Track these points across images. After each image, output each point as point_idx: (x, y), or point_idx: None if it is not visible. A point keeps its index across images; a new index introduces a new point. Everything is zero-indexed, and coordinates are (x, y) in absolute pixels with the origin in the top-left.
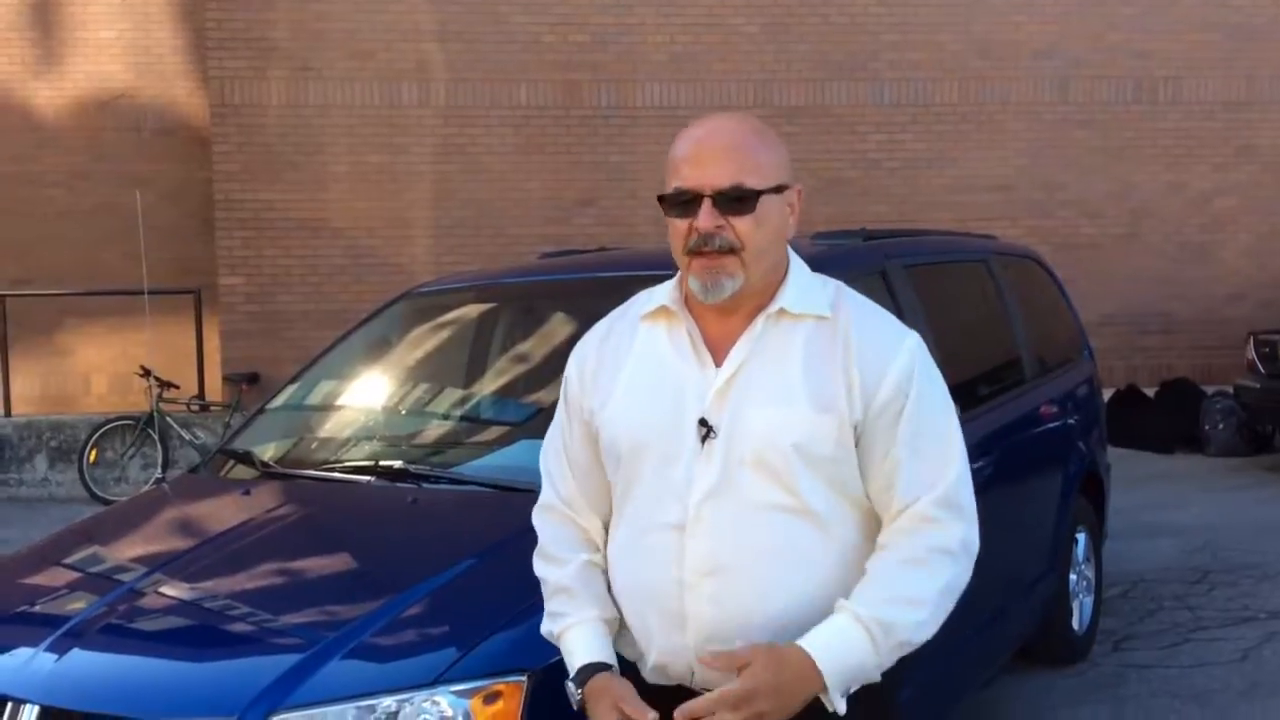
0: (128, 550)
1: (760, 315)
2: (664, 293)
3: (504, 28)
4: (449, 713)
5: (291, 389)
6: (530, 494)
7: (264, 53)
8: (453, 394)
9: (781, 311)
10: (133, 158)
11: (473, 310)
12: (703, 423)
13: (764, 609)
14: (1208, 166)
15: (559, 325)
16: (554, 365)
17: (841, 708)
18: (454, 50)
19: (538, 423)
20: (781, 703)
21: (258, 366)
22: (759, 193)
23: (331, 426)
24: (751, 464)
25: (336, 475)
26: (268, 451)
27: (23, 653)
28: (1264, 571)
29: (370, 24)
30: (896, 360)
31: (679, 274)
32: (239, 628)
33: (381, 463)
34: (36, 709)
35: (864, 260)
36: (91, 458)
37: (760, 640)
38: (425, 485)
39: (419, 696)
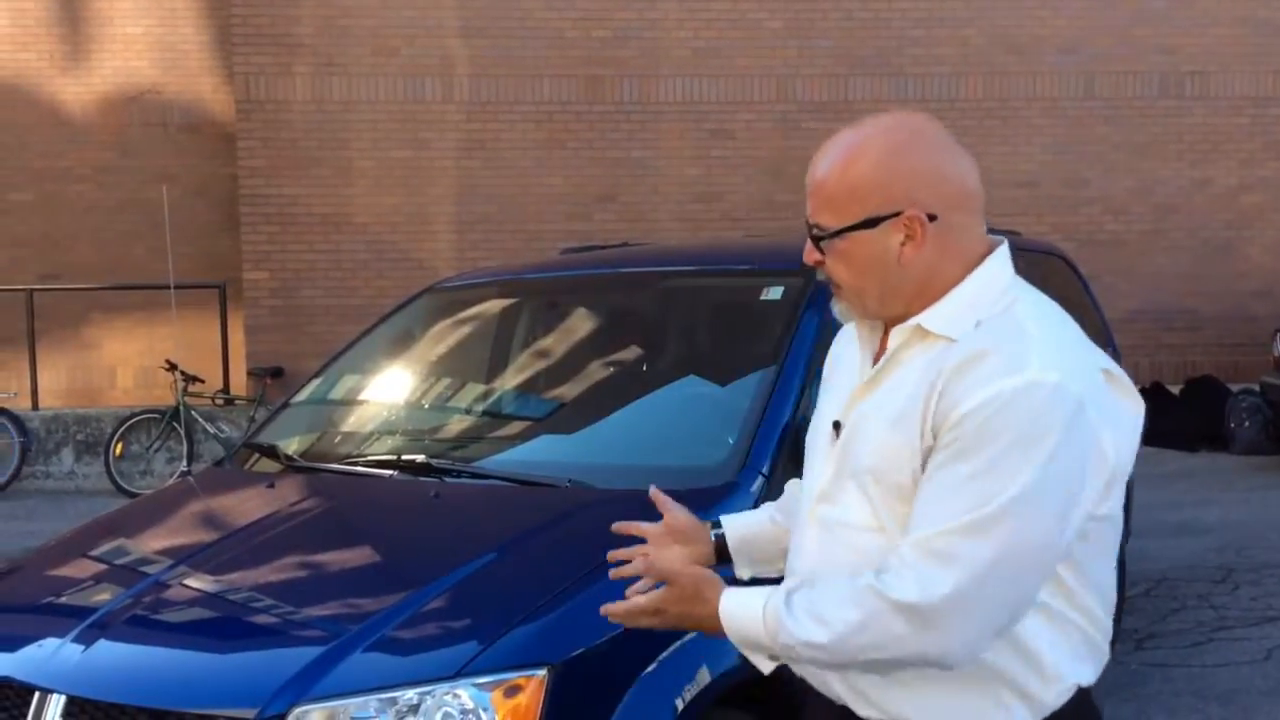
0: (153, 542)
1: (898, 329)
2: None
3: (527, 23)
4: (470, 705)
5: (315, 383)
6: (551, 488)
7: (289, 49)
8: (475, 389)
9: (919, 329)
10: (159, 153)
11: (495, 305)
12: (836, 425)
13: None
14: (1234, 162)
15: (581, 320)
16: (576, 360)
17: (765, 668)
18: (477, 46)
19: (559, 417)
20: (684, 621)
21: (282, 361)
22: (835, 233)
23: (355, 421)
24: (852, 478)
25: (360, 469)
26: (292, 445)
27: (50, 643)
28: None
29: (394, 20)
30: (983, 393)
31: None
32: (263, 620)
33: (404, 457)
34: (63, 699)
35: None
36: (117, 451)
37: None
38: (448, 479)
39: (440, 689)
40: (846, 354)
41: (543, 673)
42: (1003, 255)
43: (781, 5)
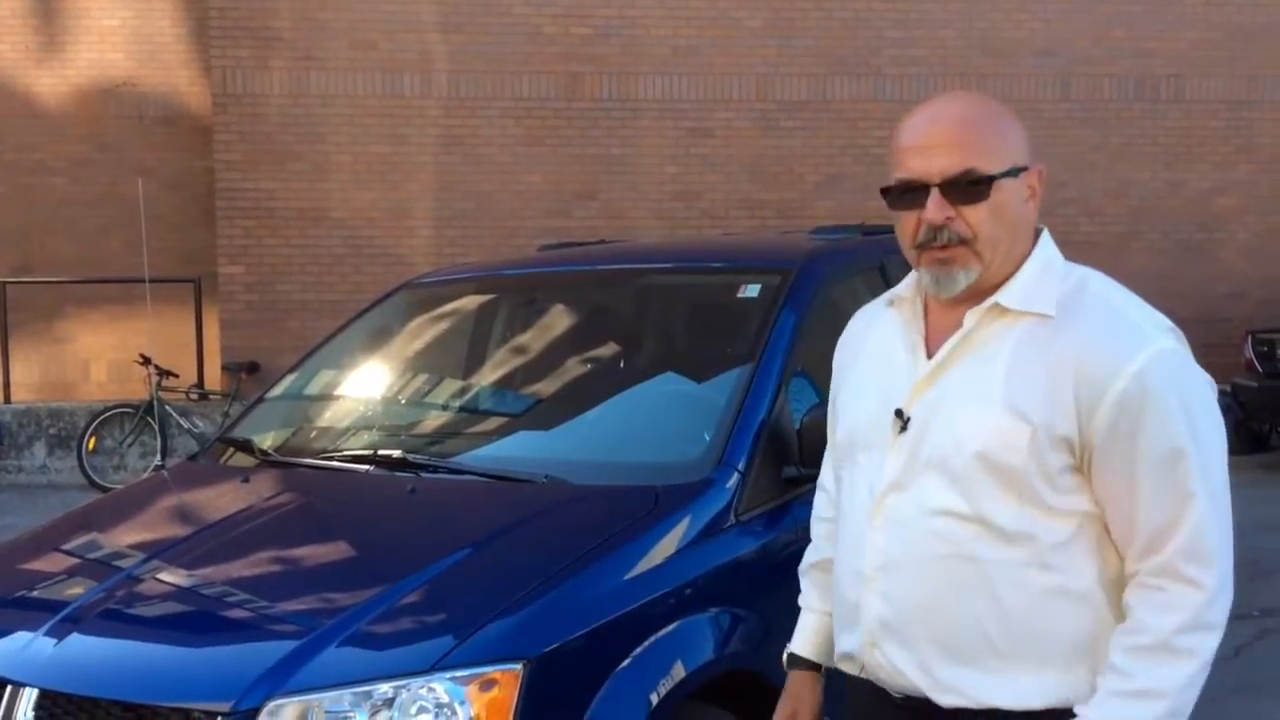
0: (127, 536)
1: (973, 310)
2: (905, 280)
3: (506, 19)
4: (445, 699)
5: (291, 378)
6: (528, 484)
7: (266, 42)
8: (452, 384)
9: (999, 308)
10: (134, 146)
11: (472, 302)
12: (898, 414)
13: (932, 618)
14: (1208, 165)
15: (558, 317)
16: (552, 357)
17: None
18: (456, 41)
19: (536, 414)
20: None
21: (257, 356)
22: (993, 178)
23: (330, 416)
24: (935, 465)
25: (335, 464)
26: (267, 440)
27: (22, 636)
28: (1258, 569)
29: (372, 14)
30: (1127, 370)
31: None
32: (237, 614)
33: (380, 452)
34: (36, 692)
35: (863, 255)
36: (90, 445)
37: (926, 649)
38: (424, 475)
39: (415, 683)
40: (874, 342)
41: (518, 667)
42: (1048, 235)
43: (761, 4)
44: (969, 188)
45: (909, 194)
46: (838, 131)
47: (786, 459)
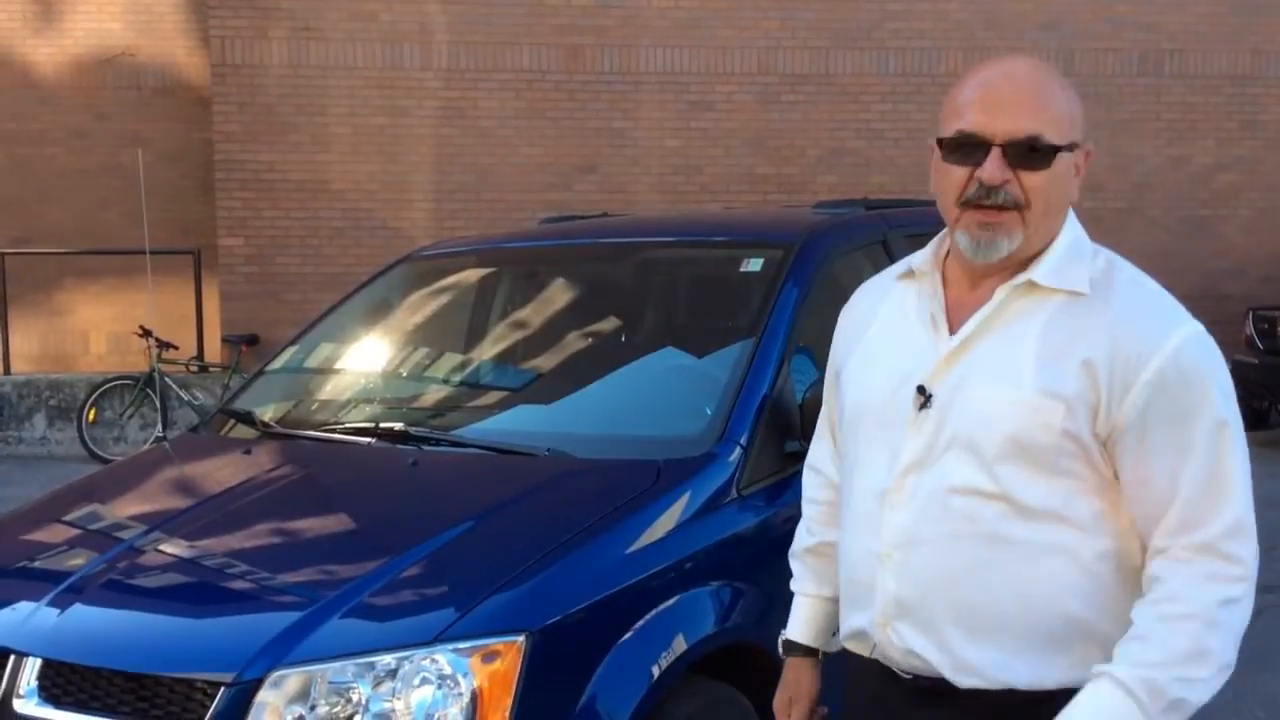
0: (129, 507)
1: (1003, 285)
2: (921, 252)
3: None
4: (448, 671)
5: (291, 350)
6: (530, 457)
7: (265, 12)
8: (453, 358)
9: (1030, 284)
10: (132, 117)
11: (473, 275)
12: (920, 390)
13: (953, 595)
14: (1211, 141)
15: (559, 291)
16: (554, 330)
17: None
18: (456, 12)
19: (537, 387)
20: None
21: (257, 328)
22: (1057, 148)
23: (332, 388)
24: (961, 443)
25: (337, 436)
26: (268, 412)
27: (25, 607)
28: (1260, 546)
29: None
30: (1161, 352)
31: (942, 233)
32: (240, 585)
33: (382, 424)
34: (39, 662)
35: (865, 230)
36: (90, 417)
37: (946, 628)
38: (426, 448)
39: (418, 655)
40: (885, 315)
41: (521, 639)
42: (1073, 213)
43: None
44: (1031, 154)
45: (965, 148)
46: (840, 105)
47: (788, 434)
